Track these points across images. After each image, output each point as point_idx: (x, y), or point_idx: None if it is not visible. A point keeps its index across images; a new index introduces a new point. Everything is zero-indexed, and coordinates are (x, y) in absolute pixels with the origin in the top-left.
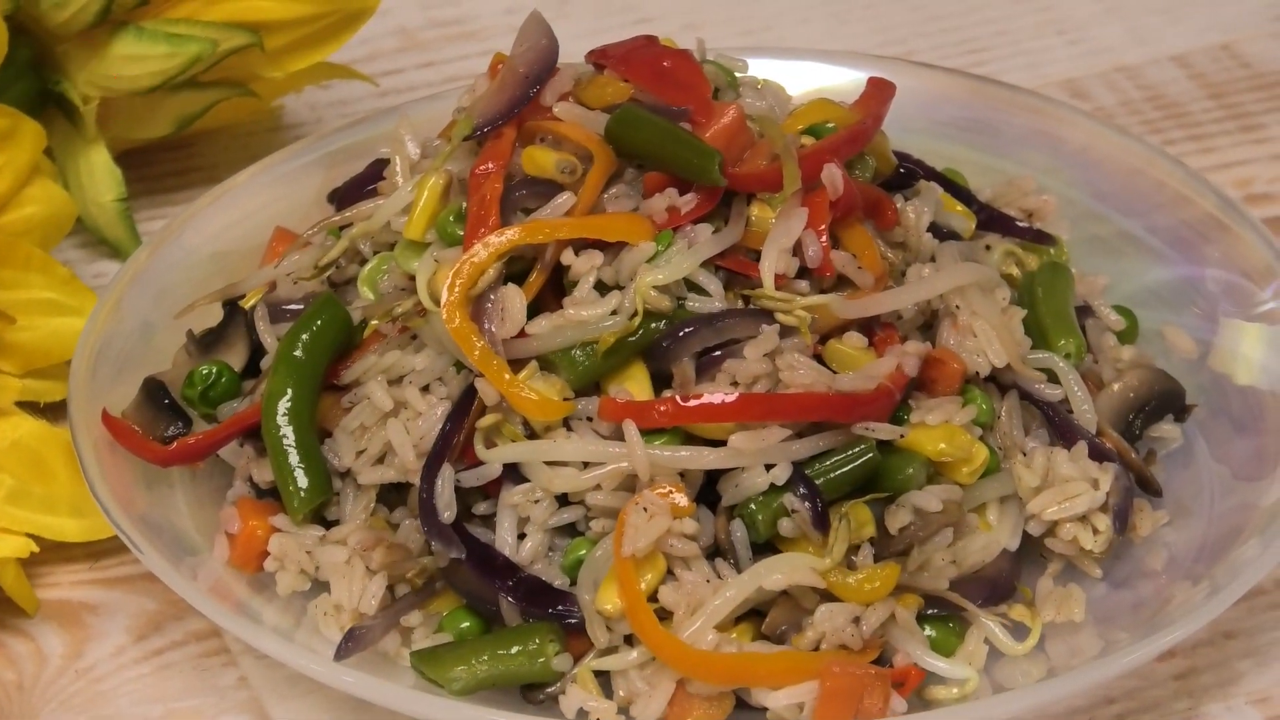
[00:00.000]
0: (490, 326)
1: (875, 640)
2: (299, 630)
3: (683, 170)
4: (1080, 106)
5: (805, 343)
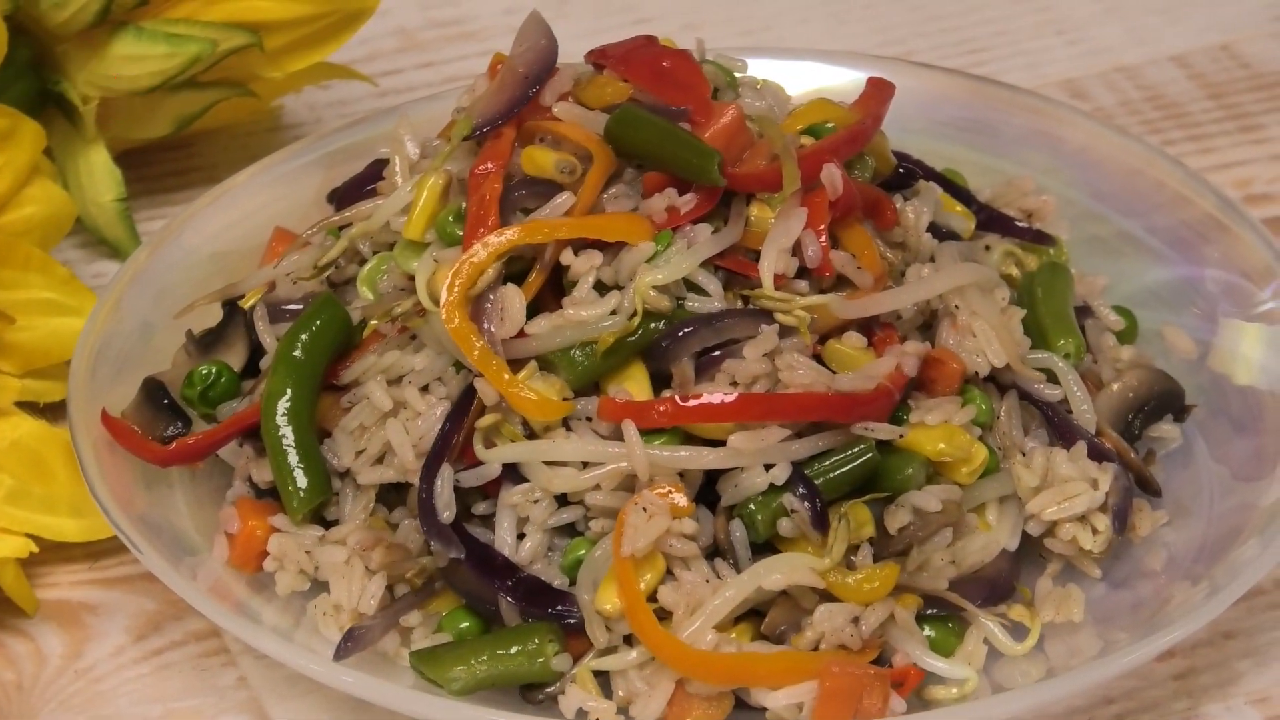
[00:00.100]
0: (489, 326)
1: (874, 640)
2: (298, 630)
3: (682, 170)
4: (1079, 107)
5: (804, 343)
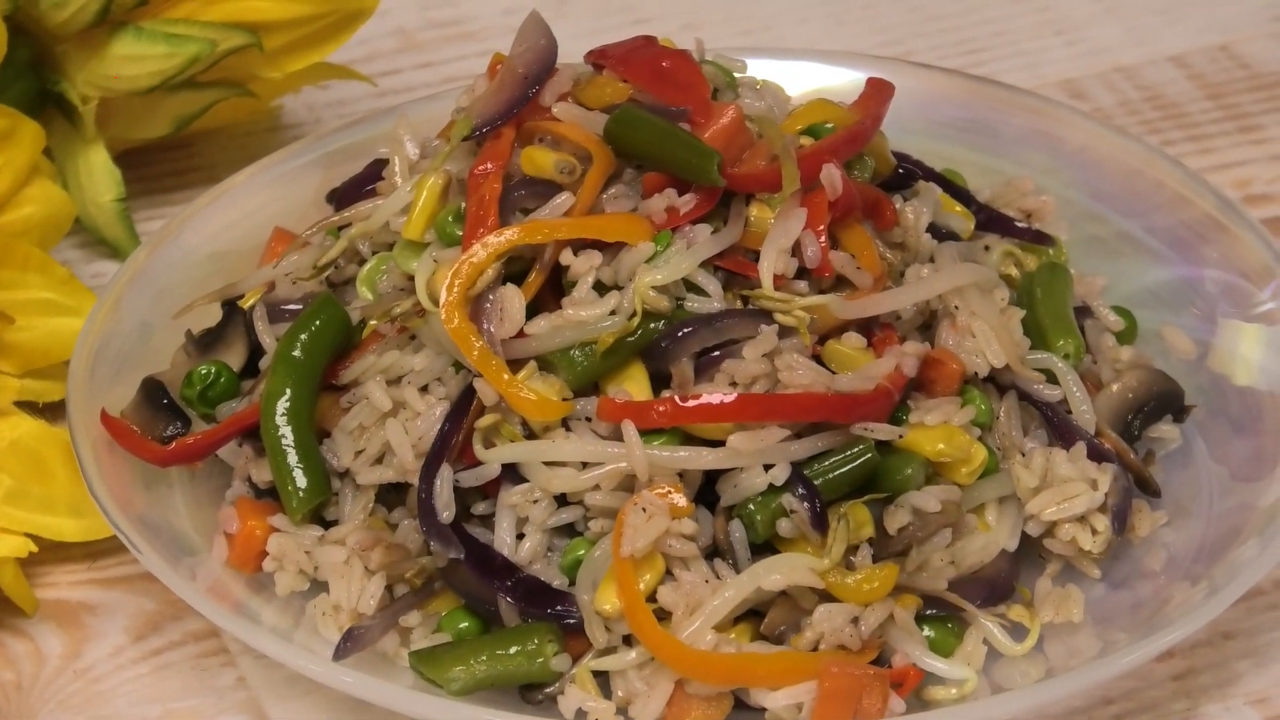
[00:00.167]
0: (489, 327)
1: (874, 640)
2: (297, 630)
3: (681, 170)
4: (1079, 107)
5: (804, 343)
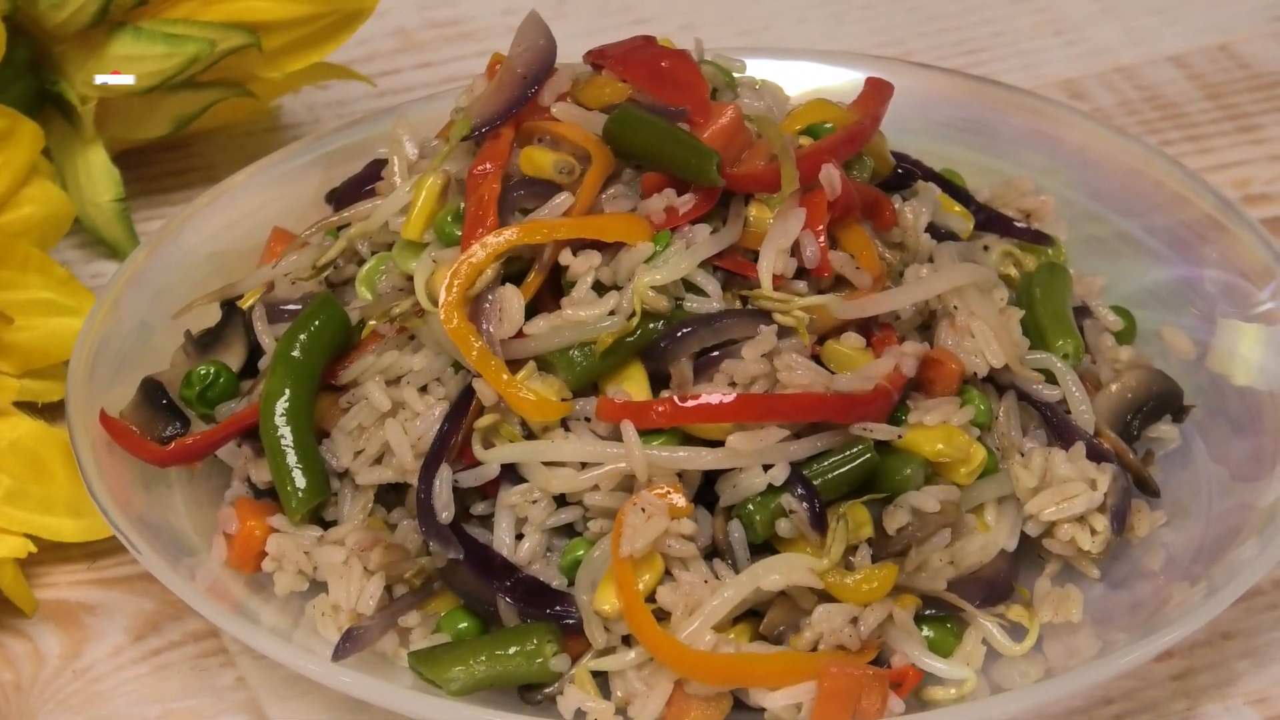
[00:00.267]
0: (488, 327)
1: (873, 641)
2: (297, 630)
3: (681, 170)
4: (1078, 107)
5: (803, 343)
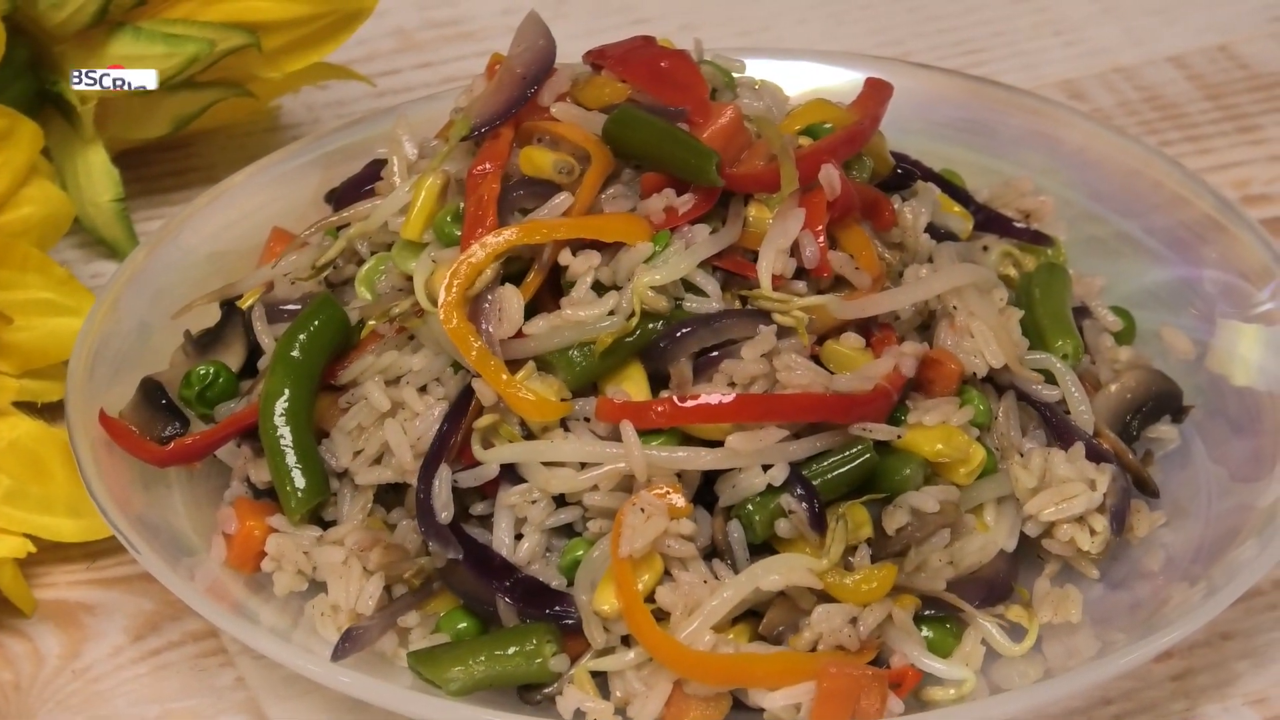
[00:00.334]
0: (488, 327)
1: (872, 641)
2: (296, 631)
3: (680, 171)
4: (1077, 107)
5: (802, 343)
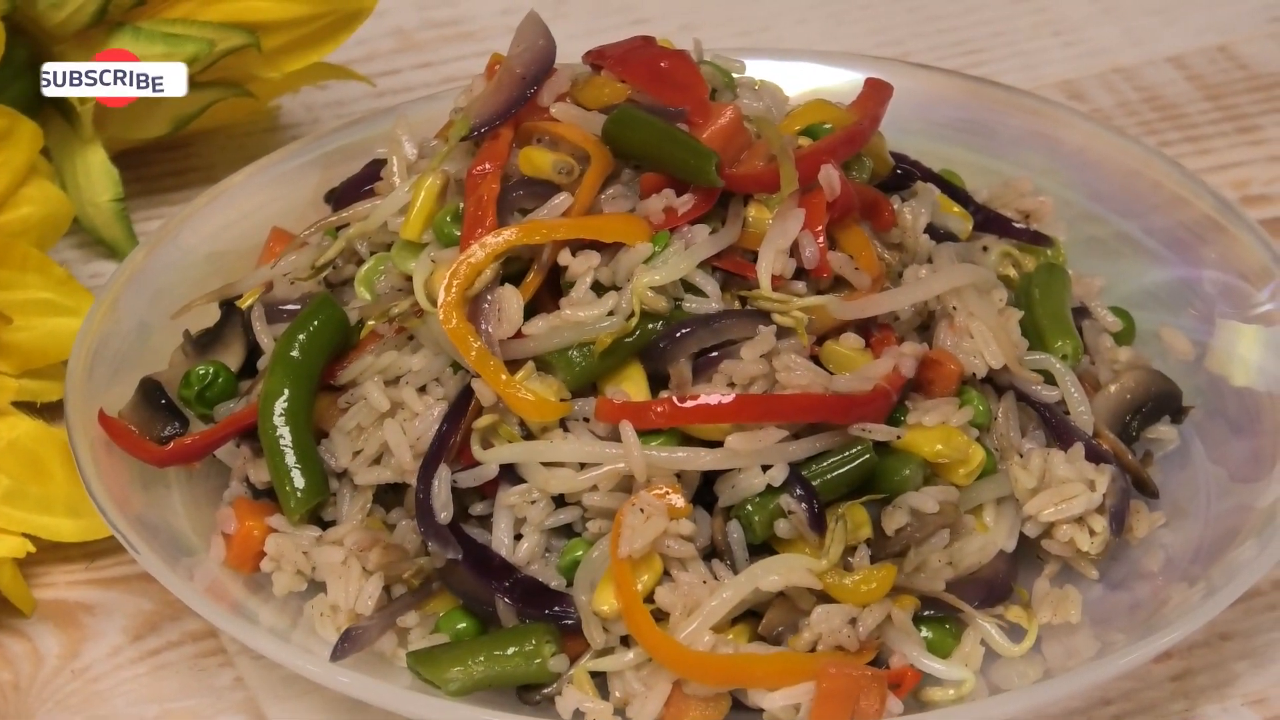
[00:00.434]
0: (487, 327)
1: (872, 641)
2: (295, 631)
3: (680, 171)
4: (1077, 108)
5: (802, 344)
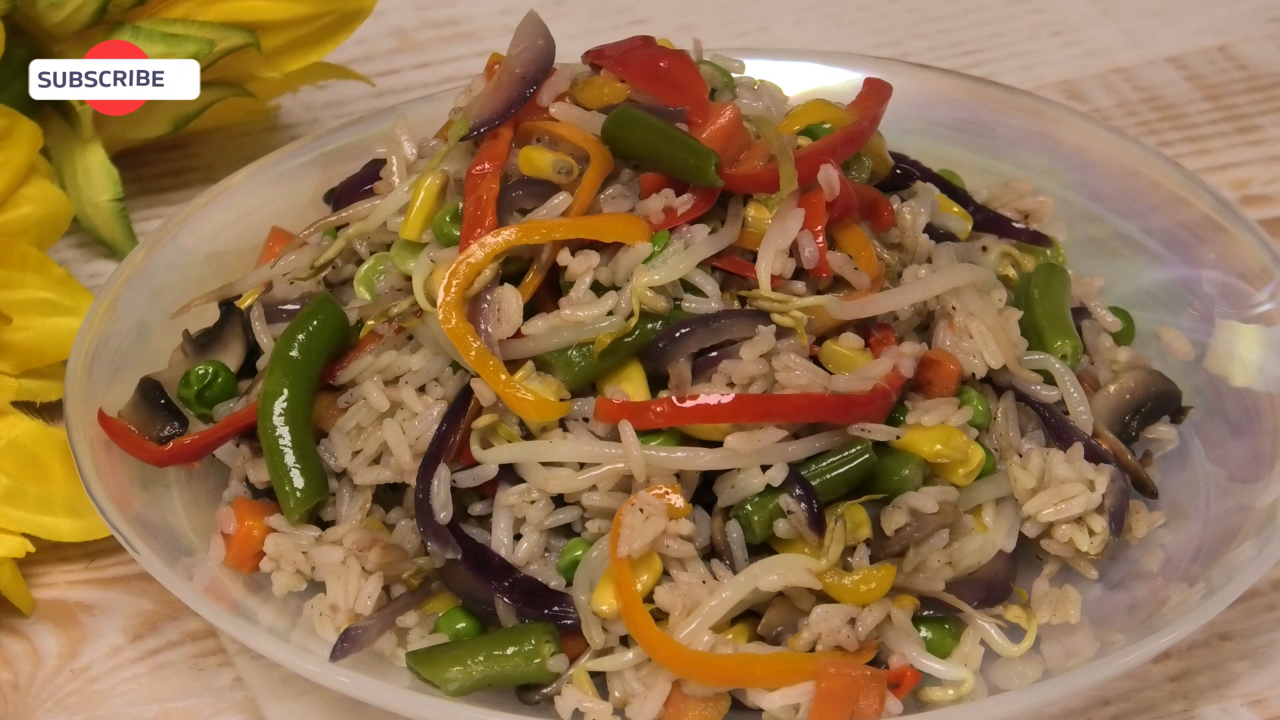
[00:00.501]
0: (486, 327)
1: (871, 641)
2: (295, 631)
3: (679, 171)
4: (1076, 108)
5: (801, 344)
